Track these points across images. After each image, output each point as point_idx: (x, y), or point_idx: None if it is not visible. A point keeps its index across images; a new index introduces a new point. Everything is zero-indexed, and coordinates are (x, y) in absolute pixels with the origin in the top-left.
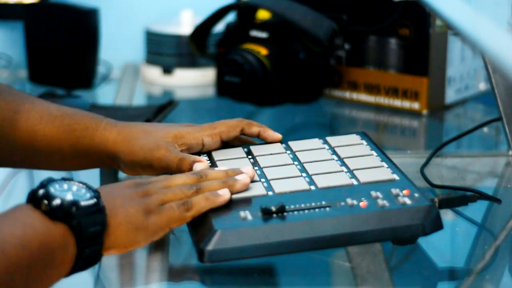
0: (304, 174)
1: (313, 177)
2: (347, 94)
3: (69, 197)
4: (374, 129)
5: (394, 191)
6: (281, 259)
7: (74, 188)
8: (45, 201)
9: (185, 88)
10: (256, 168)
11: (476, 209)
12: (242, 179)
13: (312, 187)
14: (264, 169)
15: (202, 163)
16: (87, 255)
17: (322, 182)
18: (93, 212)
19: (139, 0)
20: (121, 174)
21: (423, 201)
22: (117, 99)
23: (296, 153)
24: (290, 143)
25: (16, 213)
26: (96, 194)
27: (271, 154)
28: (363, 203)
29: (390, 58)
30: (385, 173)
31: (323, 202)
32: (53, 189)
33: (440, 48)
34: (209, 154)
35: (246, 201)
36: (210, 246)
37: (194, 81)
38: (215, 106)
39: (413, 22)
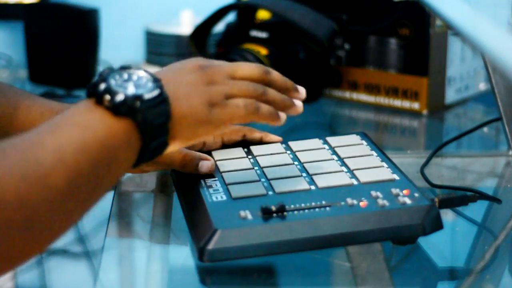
0: (304, 174)
1: (313, 177)
2: (347, 94)
3: (131, 89)
4: (374, 129)
5: (394, 191)
6: (281, 259)
7: (135, 77)
8: (108, 96)
9: None
10: (256, 168)
11: (476, 209)
12: (298, 106)
13: (312, 187)
14: (264, 169)
15: (209, 161)
16: (153, 147)
17: (322, 182)
18: (157, 104)
19: (139, 0)
20: None
21: (423, 201)
22: None
23: (296, 153)
24: (290, 143)
25: (75, 114)
26: (159, 84)
27: (271, 154)
28: (363, 203)
29: (390, 58)
30: (385, 173)
31: (323, 202)
32: (114, 81)
33: (440, 48)
34: (209, 154)
35: (246, 201)
36: (210, 246)
37: None
38: None
39: (413, 22)
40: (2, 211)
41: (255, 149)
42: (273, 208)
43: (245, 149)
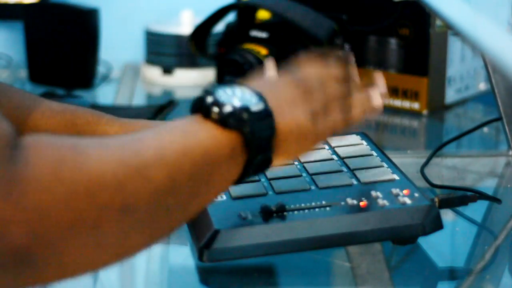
0: (304, 174)
1: (313, 177)
2: None
3: (237, 102)
4: (374, 129)
5: (394, 191)
6: (281, 259)
7: (238, 92)
8: (216, 109)
9: (185, 88)
10: None
11: (476, 209)
12: (378, 104)
13: (312, 187)
14: None
15: None
16: (258, 162)
17: (322, 182)
18: (264, 117)
19: (139, 0)
20: None
21: (423, 201)
22: (117, 99)
23: None
24: None
25: (179, 123)
26: (263, 98)
27: None
28: (363, 203)
29: (390, 58)
30: (385, 173)
31: (323, 202)
32: (220, 95)
33: (440, 48)
34: None
35: (246, 201)
36: (210, 246)
37: (194, 81)
38: None
39: (413, 22)
40: (102, 192)
41: None
42: (273, 208)
43: None
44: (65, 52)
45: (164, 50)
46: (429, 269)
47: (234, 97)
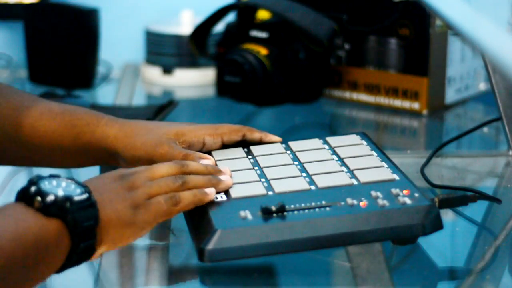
0: (304, 174)
1: (313, 177)
2: (347, 94)
3: (61, 192)
4: (374, 129)
5: (394, 191)
6: (281, 259)
7: (63, 184)
8: (38, 198)
9: (185, 88)
10: (256, 168)
11: (476, 209)
12: (226, 180)
13: (312, 187)
14: (264, 169)
15: (208, 159)
16: (81, 250)
17: (322, 182)
18: (86, 207)
19: (139, 0)
20: None
21: (423, 201)
22: (117, 99)
23: (296, 153)
24: (290, 143)
25: (7, 211)
26: (87, 189)
27: (271, 154)
28: (363, 203)
29: (390, 58)
30: (385, 173)
31: (323, 202)
32: (44, 185)
33: (440, 48)
34: (209, 154)
35: (246, 201)
36: (210, 246)
37: (194, 81)
38: (215, 106)
39: (413, 22)
40: None
41: (255, 149)
42: (273, 208)
43: (245, 149)
44: (65, 52)
45: (164, 50)
46: (429, 269)
47: (59, 188)
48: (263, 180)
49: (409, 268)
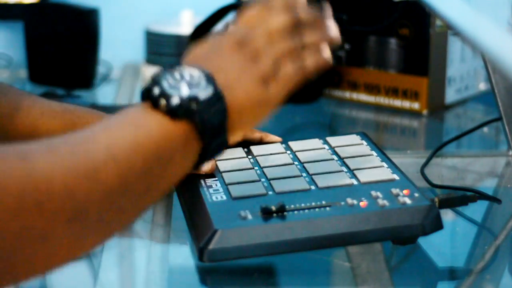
0: (304, 174)
1: (313, 177)
2: (347, 94)
3: (185, 91)
4: (374, 129)
5: (394, 191)
6: (281, 259)
7: (187, 76)
8: (163, 101)
9: None
10: (256, 168)
11: (476, 209)
12: (334, 34)
13: (312, 187)
14: (264, 169)
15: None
16: (214, 146)
17: (322, 182)
18: (214, 103)
19: (139, 0)
20: None
21: (423, 201)
22: (117, 99)
23: (296, 153)
24: (290, 143)
25: (129, 115)
26: (212, 80)
27: (271, 154)
28: (363, 203)
29: (390, 58)
30: (385, 173)
31: (323, 202)
32: (167, 83)
33: (440, 48)
34: None
35: (246, 201)
36: (210, 246)
37: None
38: None
39: (413, 22)
40: (50, 201)
41: (255, 149)
42: (273, 208)
43: (245, 149)
44: (65, 52)
45: (164, 50)
46: (429, 269)
47: (183, 82)
48: (263, 180)
49: (409, 268)
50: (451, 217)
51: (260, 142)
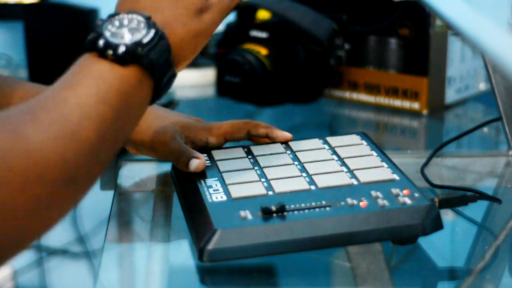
0: (304, 174)
1: (313, 177)
2: (347, 94)
3: (128, 37)
4: (374, 129)
5: (394, 191)
6: (281, 259)
7: (126, 21)
8: (110, 51)
9: (185, 88)
10: (256, 168)
11: (476, 209)
12: None
13: (312, 187)
14: (264, 169)
15: (198, 160)
16: (165, 82)
17: (322, 182)
18: (156, 43)
19: None
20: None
21: (423, 201)
22: None
23: (296, 153)
24: (290, 143)
25: (84, 69)
26: (151, 21)
27: (271, 154)
28: (363, 203)
29: (390, 58)
30: (385, 173)
31: (323, 202)
32: (109, 33)
33: (440, 48)
34: (209, 153)
35: (246, 201)
36: (210, 246)
37: (194, 81)
38: (215, 106)
39: (413, 22)
40: (50, 171)
41: (255, 149)
42: (273, 208)
43: (245, 149)
44: (65, 52)
45: None
46: (429, 269)
47: (124, 29)
48: (263, 180)
49: (409, 268)
50: (451, 217)
51: (266, 137)
